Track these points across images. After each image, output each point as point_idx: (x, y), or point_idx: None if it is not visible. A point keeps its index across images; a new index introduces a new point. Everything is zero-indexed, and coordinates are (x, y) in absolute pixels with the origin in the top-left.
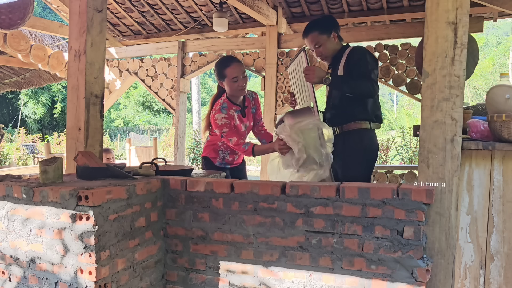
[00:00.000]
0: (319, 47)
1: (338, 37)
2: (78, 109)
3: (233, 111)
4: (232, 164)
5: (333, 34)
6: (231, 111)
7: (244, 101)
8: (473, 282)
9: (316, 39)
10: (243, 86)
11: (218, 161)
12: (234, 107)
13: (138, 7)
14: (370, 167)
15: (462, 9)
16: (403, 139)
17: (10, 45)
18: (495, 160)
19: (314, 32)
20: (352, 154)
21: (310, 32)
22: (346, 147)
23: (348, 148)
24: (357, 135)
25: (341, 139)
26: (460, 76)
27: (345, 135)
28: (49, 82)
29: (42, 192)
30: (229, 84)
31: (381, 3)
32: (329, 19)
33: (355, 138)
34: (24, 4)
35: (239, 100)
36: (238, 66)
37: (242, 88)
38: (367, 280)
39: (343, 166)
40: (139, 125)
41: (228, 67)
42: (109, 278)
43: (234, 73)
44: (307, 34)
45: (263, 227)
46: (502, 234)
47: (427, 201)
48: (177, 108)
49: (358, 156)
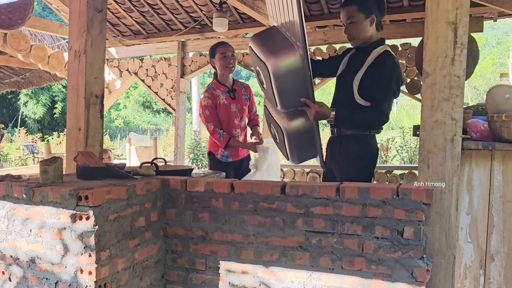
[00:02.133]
0: (351, 23)
1: (376, 25)
2: (78, 109)
3: (219, 91)
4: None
5: (372, 17)
6: (217, 91)
7: (233, 84)
8: (473, 282)
9: (351, 13)
10: (231, 64)
11: (219, 154)
12: (222, 87)
13: (138, 7)
14: (368, 173)
15: (462, 9)
16: (403, 139)
17: (10, 45)
18: (495, 160)
19: (353, 6)
20: (347, 160)
21: (348, 5)
22: (341, 152)
23: (343, 153)
24: (355, 140)
25: (338, 142)
26: (460, 76)
27: (342, 139)
28: (49, 82)
29: (42, 192)
30: (219, 61)
31: None
32: (376, 1)
33: (353, 143)
34: (24, 4)
35: (228, 81)
36: (227, 46)
37: (230, 65)
38: (367, 280)
39: (339, 171)
40: (139, 125)
41: (219, 46)
42: (109, 278)
43: (222, 50)
44: (345, 5)
45: (263, 227)
46: (502, 234)
47: (427, 201)
48: (177, 108)
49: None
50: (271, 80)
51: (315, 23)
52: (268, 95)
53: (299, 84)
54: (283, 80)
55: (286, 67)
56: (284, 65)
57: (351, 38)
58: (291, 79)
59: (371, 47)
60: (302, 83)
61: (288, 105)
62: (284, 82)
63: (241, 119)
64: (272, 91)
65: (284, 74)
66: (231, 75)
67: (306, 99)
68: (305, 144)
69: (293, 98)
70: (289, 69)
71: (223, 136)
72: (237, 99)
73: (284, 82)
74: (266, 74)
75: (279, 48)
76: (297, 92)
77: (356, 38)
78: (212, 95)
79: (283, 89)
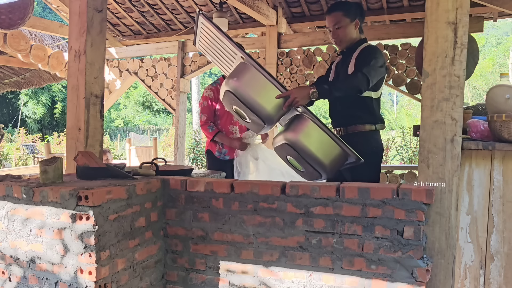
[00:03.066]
0: (338, 29)
1: (359, 28)
2: (78, 109)
3: None
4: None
5: (356, 21)
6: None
7: None
8: (473, 282)
9: (338, 19)
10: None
11: (217, 151)
12: None
13: (138, 7)
14: (379, 168)
15: (462, 9)
16: (403, 139)
17: (10, 45)
18: (495, 160)
19: (339, 12)
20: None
21: (334, 11)
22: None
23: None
24: (363, 138)
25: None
26: (460, 76)
27: (350, 137)
28: (49, 82)
29: (42, 192)
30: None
31: (381, 3)
32: (357, 6)
33: (361, 141)
34: (24, 4)
35: None
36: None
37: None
38: (367, 280)
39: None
40: (139, 125)
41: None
42: (109, 278)
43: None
44: (331, 12)
45: (263, 227)
46: (502, 234)
47: (427, 201)
48: (177, 108)
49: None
50: (242, 102)
51: (315, 23)
52: (253, 126)
53: (264, 86)
54: (246, 92)
55: (241, 79)
56: (239, 78)
57: (339, 42)
58: (252, 86)
59: (356, 46)
60: (264, 83)
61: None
62: (248, 93)
63: None
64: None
65: (243, 85)
66: None
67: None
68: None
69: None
70: (244, 79)
71: (212, 128)
72: None
73: (249, 93)
74: (234, 99)
75: (232, 72)
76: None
77: (344, 41)
78: (216, 89)
79: (253, 100)
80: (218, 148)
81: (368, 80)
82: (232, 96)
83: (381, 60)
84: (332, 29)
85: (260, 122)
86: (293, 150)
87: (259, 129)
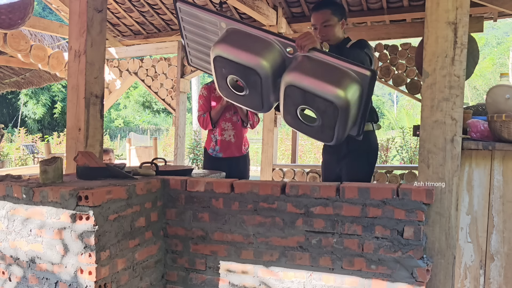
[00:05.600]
0: (326, 27)
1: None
2: (78, 109)
3: None
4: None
5: (342, 21)
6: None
7: None
8: (473, 282)
9: (327, 16)
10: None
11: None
12: None
13: (138, 7)
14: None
15: (462, 9)
16: (403, 139)
17: (10, 45)
18: (495, 160)
19: (327, 10)
20: (359, 157)
21: (323, 8)
22: (351, 150)
23: (354, 151)
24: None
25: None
26: (460, 76)
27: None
28: (49, 82)
29: (42, 192)
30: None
31: (381, 3)
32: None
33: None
34: (24, 4)
35: None
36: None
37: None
38: (367, 280)
39: (348, 169)
40: (139, 125)
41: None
42: (109, 278)
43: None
44: (318, 9)
45: (263, 227)
46: (502, 234)
47: (427, 201)
48: (177, 108)
49: (364, 158)
50: (234, 62)
51: None
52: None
53: (255, 39)
54: (236, 50)
55: (228, 39)
56: (225, 39)
57: (326, 40)
58: (241, 41)
59: (343, 44)
60: (254, 36)
61: (263, 67)
62: (238, 50)
63: (235, 113)
64: (247, 73)
65: (232, 44)
66: None
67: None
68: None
69: (263, 55)
70: (231, 38)
71: (204, 115)
72: None
73: (238, 49)
74: (226, 64)
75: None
76: (261, 48)
77: (331, 40)
78: (209, 87)
79: (245, 54)
80: (212, 145)
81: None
82: (223, 62)
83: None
84: (319, 26)
85: (258, 81)
86: (302, 92)
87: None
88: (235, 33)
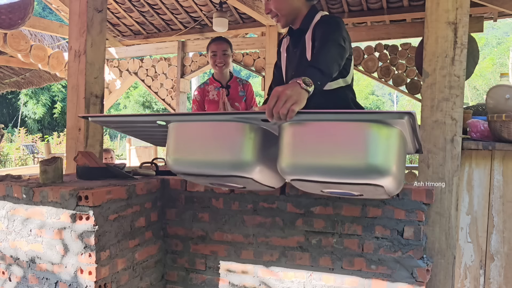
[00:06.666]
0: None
1: None
2: (78, 109)
3: (212, 87)
4: None
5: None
6: (210, 86)
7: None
8: (473, 282)
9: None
10: (221, 62)
11: None
12: (215, 83)
13: (138, 7)
14: None
15: (462, 9)
16: None
17: (10, 45)
18: (495, 160)
19: None
20: None
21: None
22: None
23: None
24: None
25: None
26: (460, 76)
27: None
28: (49, 82)
29: (42, 192)
30: (210, 58)
31: (381, 3)
32: None
33: None
34: (24, 4)
35: (223, 77)
36: (219, 43)
37: (219, 63)
38: (367, 280)
39: None
40: None
41: (211, 43)
42: (109, 278)
43: (213, 48)
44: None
45: (263, 227)
46: (502, 234)
47: (427, 201)
48: (177, 108)
49: None
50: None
51: None
52: (251, 185)
53: (229, 130)
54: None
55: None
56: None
57: (274, 15)
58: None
59: (305, 24)
60: (222, 127)
61: (243, 159)
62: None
63: None
64: (229, 178)
65: (192, 148)
66: (227, 71)
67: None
68: None
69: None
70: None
71: None
72: (230, 95)
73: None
74: (195, 172)
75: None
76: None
77: (282, 15)
78: (202, 90)
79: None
80: None
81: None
82: (190, 176)
83: (344, 31)
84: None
85: (249, 180)
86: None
87: (262, 186)
88: (183, 130)
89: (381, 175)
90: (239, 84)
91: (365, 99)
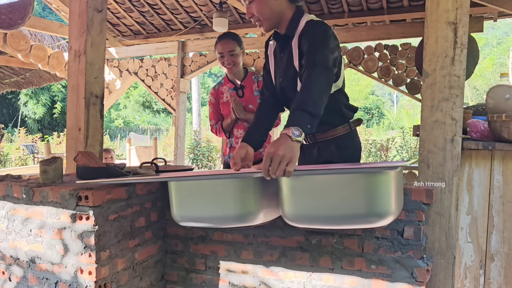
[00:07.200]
0: (251, 3)
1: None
2: (78, 109)
3: (226, 88)
4: None
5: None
6: (224, 87)
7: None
8: (473, 282)
9: None
10: (229, 63)
11: (226, 155)
12: (229, 84)
13: (138, 7)
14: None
15: (462, 9)
16: (403, 139)
17: (10, 45)
18: (495, 160)
19: None
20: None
21: None
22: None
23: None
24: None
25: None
26: (460, 76)
27: (320, 145)
28: (49, 82)
29: (42, 192)
30: (218, 60)
31: (381, 3)
32: None
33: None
34: (24, 4)
35: (237, 77)
36: (226, 43)
37: (228, 65)
38: (367, 280)
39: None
40: (139, 125)
41: (218, 43)
42: (109, 278)
43: (219, 49)
44: None
45: (263, 227)
46: (502, 234)
47: (427, 201)
48: (177, 108)
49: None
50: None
51: None
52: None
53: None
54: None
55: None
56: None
57: (257, 20)
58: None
59: (291, 31)
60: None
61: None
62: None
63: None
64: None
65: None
66: (239, 70)
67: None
68: None
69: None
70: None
71: (216, 126)
72: (244, 96)
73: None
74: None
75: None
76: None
77: (267, 19)
78: (216, 92)
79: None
80: (227, 152)
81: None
82: (196, 225)
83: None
84: (244, 4)
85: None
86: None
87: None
88: (184, 187)
89: (383, 218)
90: (254, 81)
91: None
